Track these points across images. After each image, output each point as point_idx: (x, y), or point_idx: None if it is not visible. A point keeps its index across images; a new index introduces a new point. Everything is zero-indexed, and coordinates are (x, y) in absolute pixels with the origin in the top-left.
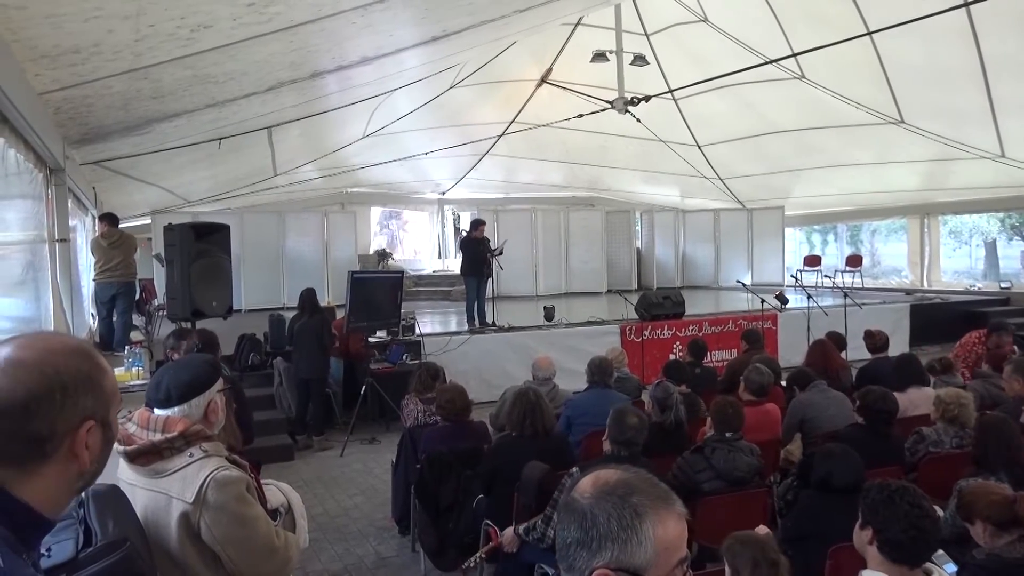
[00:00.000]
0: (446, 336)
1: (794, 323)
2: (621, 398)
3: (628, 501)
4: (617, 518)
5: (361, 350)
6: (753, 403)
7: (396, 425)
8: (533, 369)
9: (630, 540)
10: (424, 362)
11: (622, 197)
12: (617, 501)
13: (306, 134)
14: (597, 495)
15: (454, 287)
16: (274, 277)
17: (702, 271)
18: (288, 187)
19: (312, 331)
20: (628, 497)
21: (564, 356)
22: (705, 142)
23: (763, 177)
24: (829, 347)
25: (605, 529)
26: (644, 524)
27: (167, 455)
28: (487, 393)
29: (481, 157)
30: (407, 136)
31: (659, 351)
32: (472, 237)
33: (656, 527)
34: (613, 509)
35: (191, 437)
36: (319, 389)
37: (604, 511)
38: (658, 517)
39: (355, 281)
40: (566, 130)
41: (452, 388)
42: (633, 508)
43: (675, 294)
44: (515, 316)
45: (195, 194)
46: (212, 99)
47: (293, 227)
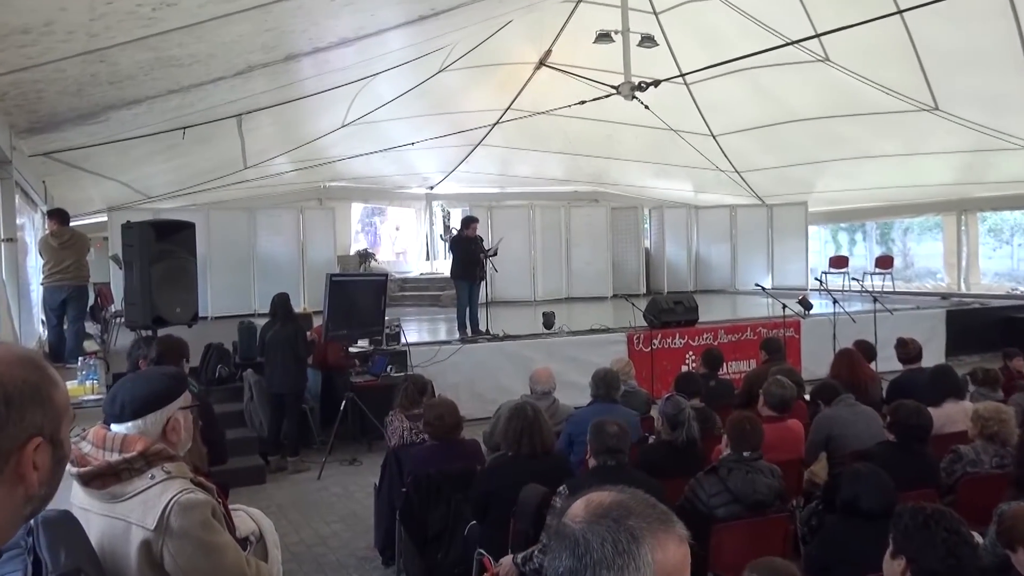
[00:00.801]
0: (435, 346)
1: (819, 331)
2: (628, 414)
3: (624, 524)
4: (612, 543)
5: (341, 361)
6: (773, 419)
7: (379, 444)
8: (531, 382)
9: (627, 567)
10: (410, 375)
11: (629, 192)
12: (612, 525)
13: (280, 123)
14: (590, 519)
15: (443, 291)
16: (244, 280)
17: (717, 273)
18: (260, 181)
19: (286, 340)
20: (624, 520)
21: (565, 368)
22: (720, 131)
23: (784, 170)
24: (857, 357)
25: (599, 555)
26: (642, 549)
27: (125, 477)
28: (480, 409)
29: (473, 148)
30: (391, 125)
31: (670, 362)
32: (463, 236)
33: (655, 551)
34: (608, 533)
35: (152, 457)
36: (294, 405)
37: (598, 536)
38: (657, 541)
39: (334, 285)
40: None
41: (441, 403)
42: (629, 531)
43: (687, 299)
44: (511, 323)
45: (156, 189)
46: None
47: (265, 225)
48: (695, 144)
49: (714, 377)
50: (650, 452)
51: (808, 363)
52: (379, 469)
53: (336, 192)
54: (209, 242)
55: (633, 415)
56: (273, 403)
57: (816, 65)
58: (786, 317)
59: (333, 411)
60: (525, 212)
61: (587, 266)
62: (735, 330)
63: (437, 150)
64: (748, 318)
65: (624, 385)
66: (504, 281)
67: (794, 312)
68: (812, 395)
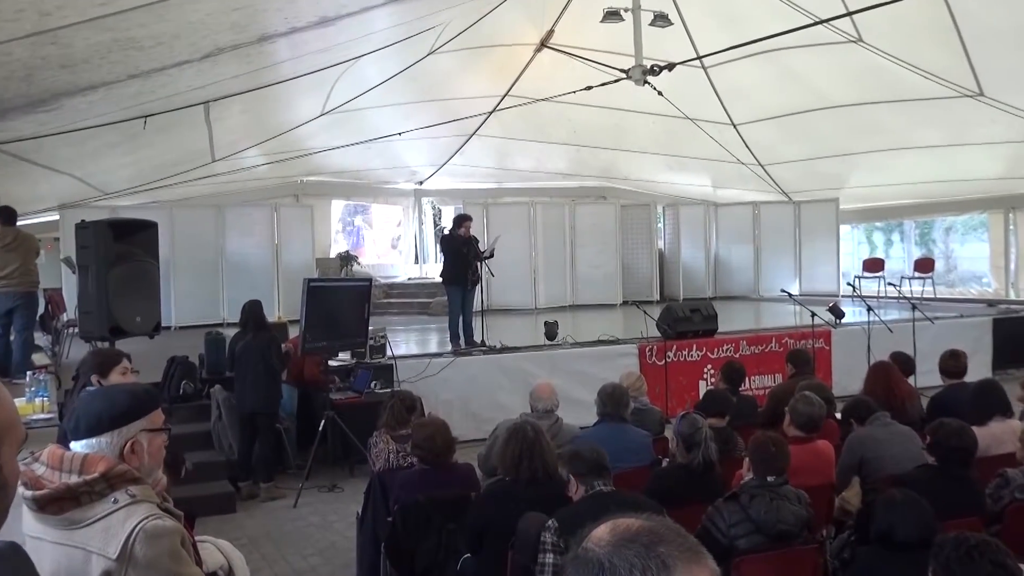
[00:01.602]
0: (424, 359)
1: (851, 342)
2: (639, 435)
3: (654, 551)
4: (641, 569)
5: (319, 376)
6: (801, 440)
7: (362, 469)
8: (531, 399)
9: None
10: (397, 391)
11: (640, 187)
12: (641, 550)
13: (251, 111)
14: (617, 543)
15: (434, 298)
16: (212, 286)
17: (739, 278)
18: (229, 175)
19: (258, 353)
20: (654, 546)
21: (569, 383)
22: (742, 120)
23: (812, 163)
24: (893, 371)
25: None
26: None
27: (85, 501)
28: (475, 429)
29: (467, 139)
30: (376, 114)
31: (686, 376)
32: (455, 236)
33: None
34: (636, 559)
35: (115, 479)
36: (267, 424)
37: (626, 561)
38: (689, 572)
39: (312, 291)
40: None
41: (431, 423)
42: (660, 559)
43: (705, 306)
44: (509, 334)
45: (114, 184)
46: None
47: (236, 225)
48: (714, 134)
49: (735, 393)
50: (663, 477)
51: (839, 378)
52: (362, 496)
53: (314, 188)
54: (173, 243)
55: (645, 436)
56: (244, 423)
57: (848, 46)
58: (815, 327)
59: (311, 432)
60: (525, 210)
61: (594, 270)
62: (758, 341)
63: (427, 141)
64: (773, 328)
65: (635, 402)
66: (501, 287)
67: (824, 321)
68: (844, 413)
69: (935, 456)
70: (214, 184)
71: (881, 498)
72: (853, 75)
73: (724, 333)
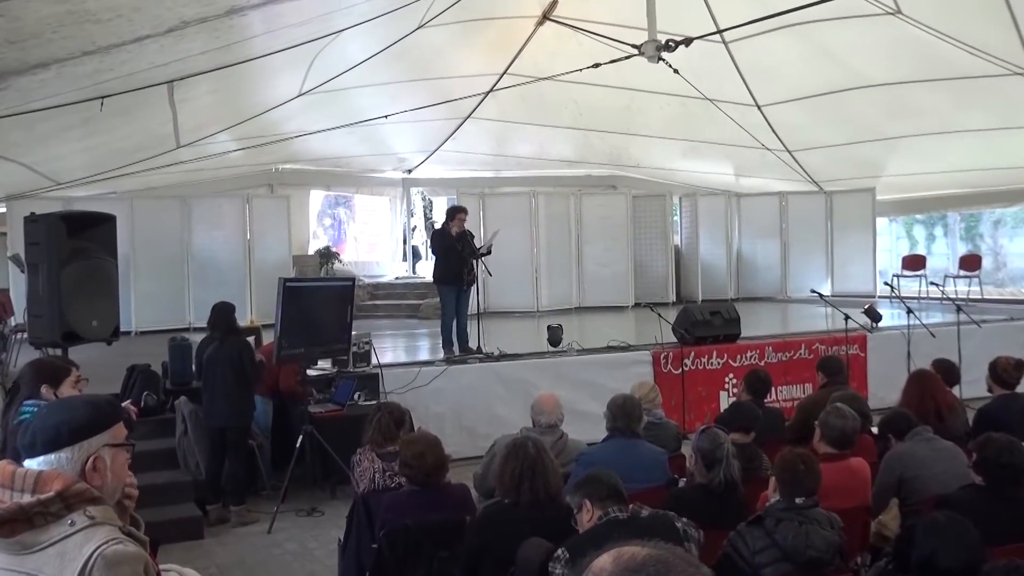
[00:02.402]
0: (413, 367)
1: (889, 347)
2: (653, 452)
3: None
4: None
5: (296, 387)
6: (833, 457)
7: (345, 490)
8: (533, 412)
9: None
10: (384, 403)
11: (654, 176)
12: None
13: (221, 91)
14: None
15: (424, 300)
16: (177, 286)
17: (764, 277)
18: (196, 163)
19: (228, 361)
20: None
21: (575, 394)
22: (767, 101)
23: (846, 148)
24: (936, 381)
25: None
26: None
27: (39, 523)
28: (470, 445)
29: (461, 122)
30: (359, 94)
31: (705, 387)
32: (448, 231)
33: None
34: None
35: (72, 499)
36: (238, 441)
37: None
38: None
39: (288, 292)
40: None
41: (421, 439)
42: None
43: (727, 309)
44: (508, 340)
45: (68, 173)
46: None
47: (203, 218)
48: (736, 117)
49: (760, 405)
50: (680, 498)
51: (876, 388)
52: (344, 521)
53: (291, 177)
54: (134, 239)
55: (659, 453)
56: (212, 439)
57: (886, 19)
58: (849, 331)
59: (287, 449)
60: (526, 201)
61: (602, 268)
62: (786, 347)
63: (416, 125)
64: (802, 332)
65: (648, 416)
66: (500, 287)
67: (859, 325)
68: (881, 427)
69: (982, 475)
70: (179, 173)
71: (922, 522)
72: (891, 51)
73: (748, 338)
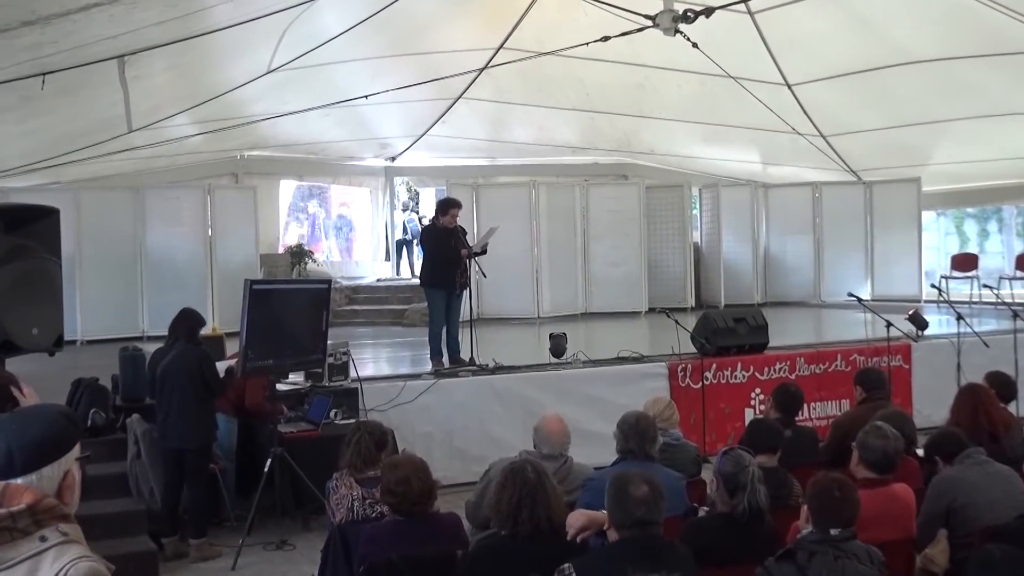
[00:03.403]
0: (398, 381)
1: (937, 359)
2: (669, 477)
3: None
4: None
5: (264, 404)
6: (873, 482)
7: (319, 520)
8: (536, 438)
9: None
10: (363, 422)
11: (671, 164)
12: None
13: (179, 68)
14: None
15: (410, 305)
16: (129, 290)
17: (795, 278)
18: (151, 150)
19: (187, 373)
20: None
21: (581, 412)
22: (799, 79)
23: (888, 133)
24: (989, 396)
25: None
26: None
27: (6, 539)
28: (462, 470)
29: (452, 103)
30: (336, 71)
31: (729, 403)
32: (438, 226)
33: None
34: None
35: (43, 514)
36: (198, 465)
37: None
38: None
39: (256, 295)
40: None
41: (407, 463)
42: None
43: (753, 315)
44: (506, 350)
45: (4, 160)
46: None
47: (159, 212)
48: (763, 97)
49: (790, 424)
50: (700, 529)
51: (922, 404)
52: (318, 555)
53: (259, 165)
54: (80, 236)
55: (676, 478)
56: (169, 463)
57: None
58: (891, 340)
59: (254, 474)
60: (525, 193)
61: (612, 268)
62: (820, 358)
63: (401, 106)
64: (838, 341)
65: (664, 436)
66: (496, 290)
67: (903, 333)
68: (927, 449)
69: None
70: (132, 160)
71: (974, 556)
72: (940, 22)
73: (776, 348)
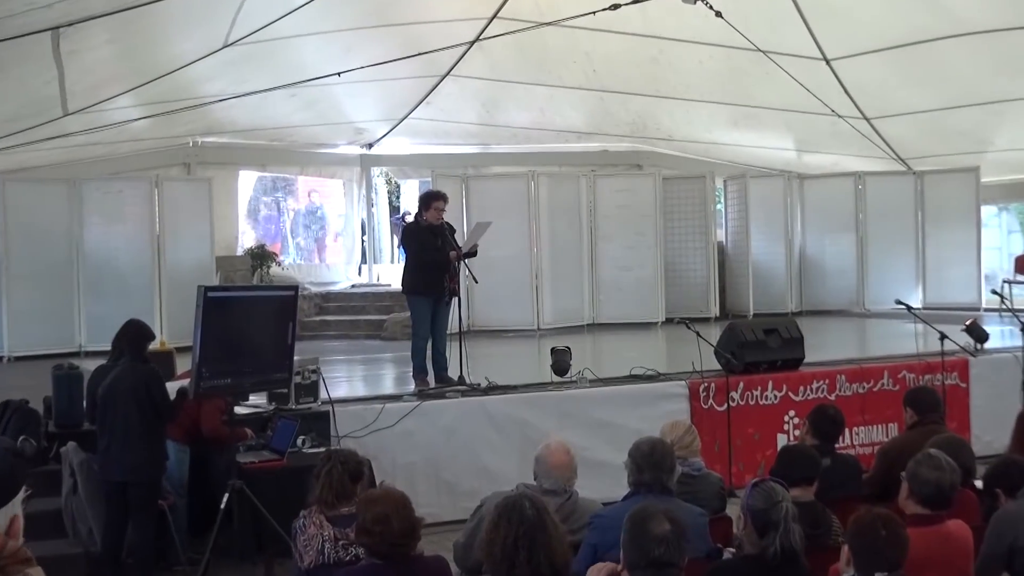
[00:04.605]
0: (375, 403)
1: (998, 377)
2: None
3: None
4: None
5: (221, 429)
6: (925, 519)
7: (285, 564)
8: (537, 469)
9: None
10: (336, 451)
11: (691, 151)
12: None
13: (121, 41)
14: None
15: (390, 315)
16: (63, 298)
17: (835, 283)
18: (90, 136)
19: (133, 396)
20: None
21: (588, 439)
22: (838, 53)
23: (942, 115)
24: None
25: None
26: None
27: None
28: (449, 506)
29: (438, 82)
30: (303, 45)
31: (759, 427)
32: (421, 224)
33: None
34: None
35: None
36: (144, 500)
37: None
38: None
39: (211, 304)
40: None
41: (385, 498)
42: None
43: (787, 326)
44: (500, 367)
45: None
46: None
47: (99, 208)
48: (797, 74)
49: (829, 452)
50: (725, 573)
51: (981, 429)
52: None
53: (214, 154)
54: (6, 235)
55: (697, 515)
56: (111, 498)
57: None
58: (946, 355)
59: (209, 511)
60: (523, 185)
61: (624, 273)
62: (863, 376)
63: (379, 85)
64: (885, 356)
65: (683, 466)
66: (489, 298)
67: (959, 346)
68: (987, 480)
69: None
70: (67, 148)
71: None
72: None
73: (813, 364)
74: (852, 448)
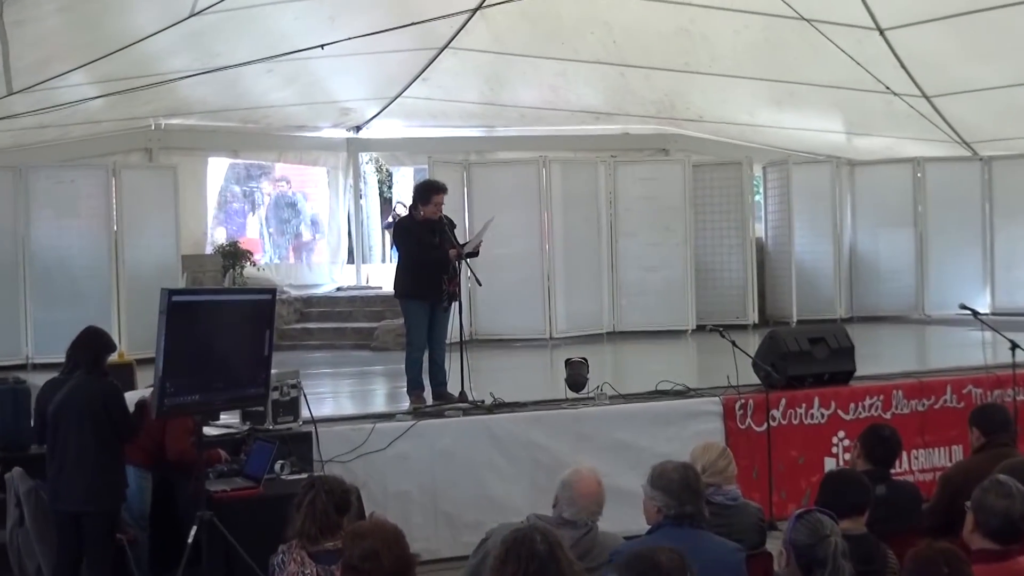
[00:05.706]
0: (364, 423)
1: None
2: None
3: None
4: None
5: (189, 453)
6: (994, 555)
7: None
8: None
9: None
10: (319, 477)
11: (726, 135)
12: None
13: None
14: None
15: (381, 322)
16: (8, 302)
17: (890, 286)
18: (39, 118)
19: (89, 414)
20: None
21: (608, 463)
22: (893, 22)
23: (1011, 93)
24: None
25: None
26: None
27: None
28: (449, 540)
29: (435, 56)
30: (280, 14)
31: (803, 450)
32: (417, 219)
33: None
34: None
35: None
36: (100, 532)
37: None
38: None
39: (176, 309)
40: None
41: (375, 531)
42: None
43: (835, 334)
44: (507, 382)
45: None
46: None
47: (48, 199)
48: (847, 46)
49: (884, 478)
50: None
51: None
52: None
53: (180, 138)
54: None
55: (732, 550)
56: (62, 531)
57: None
58: (1018, 367)
59: (174, 546)
60: (533, 173)
61: (648, 273)
62: (923, 391)
63: (369, 59)
64: (948, 369)
65: (717, 494)
66: (494, 303)
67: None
68: None
69: None
70: (12, 132)
71: None
72: None
73: (866, 378)
74: (910, 474)
